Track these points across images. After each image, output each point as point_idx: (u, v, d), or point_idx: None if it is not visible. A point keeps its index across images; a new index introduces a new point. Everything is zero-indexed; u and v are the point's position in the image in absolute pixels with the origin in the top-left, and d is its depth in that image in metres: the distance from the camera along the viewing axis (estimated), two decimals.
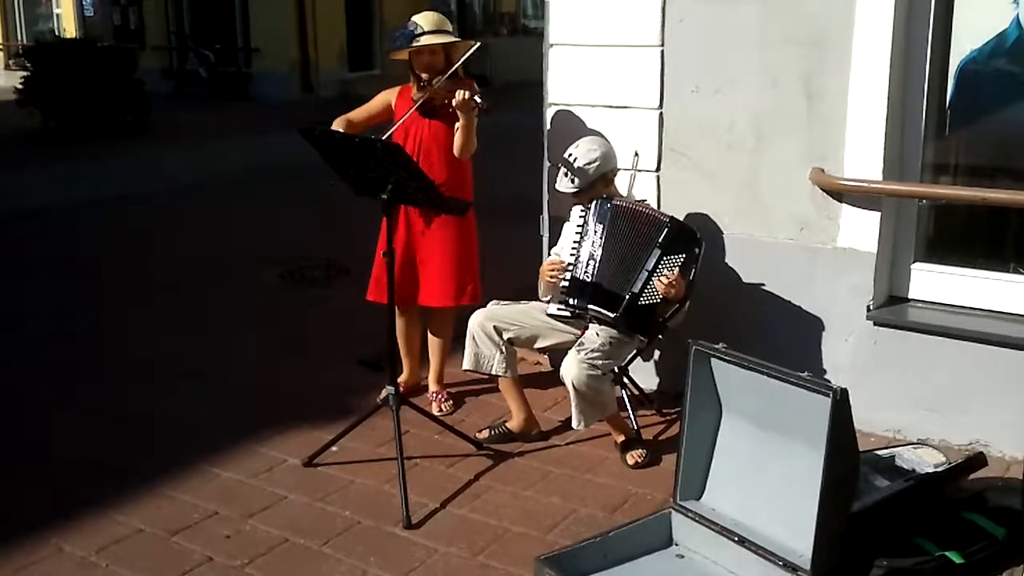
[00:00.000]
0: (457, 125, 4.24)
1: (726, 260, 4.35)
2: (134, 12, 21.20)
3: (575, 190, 4.10)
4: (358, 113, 4.43)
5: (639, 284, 3.95)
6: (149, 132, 13.94)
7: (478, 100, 4.10)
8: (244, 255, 7.33)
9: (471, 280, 4.49)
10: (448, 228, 4.38)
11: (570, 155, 4.10)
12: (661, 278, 3.91)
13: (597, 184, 4.10)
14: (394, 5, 18.76)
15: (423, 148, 4.32)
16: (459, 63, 4.22)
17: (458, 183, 4.38)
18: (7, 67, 22.47)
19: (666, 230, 3.98)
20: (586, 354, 3.83)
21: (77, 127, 13.18)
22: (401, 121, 4.24)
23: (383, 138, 3.99)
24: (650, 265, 3.96)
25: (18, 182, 10.44)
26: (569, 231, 4.20)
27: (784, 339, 4.17)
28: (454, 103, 4.12)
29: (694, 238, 4.04)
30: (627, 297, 3.95)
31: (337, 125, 4.29)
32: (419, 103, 4.23)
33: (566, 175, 4.10)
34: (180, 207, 9.37)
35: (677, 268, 3.94)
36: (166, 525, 3.55)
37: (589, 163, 4.06)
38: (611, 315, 3.96)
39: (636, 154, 4.34)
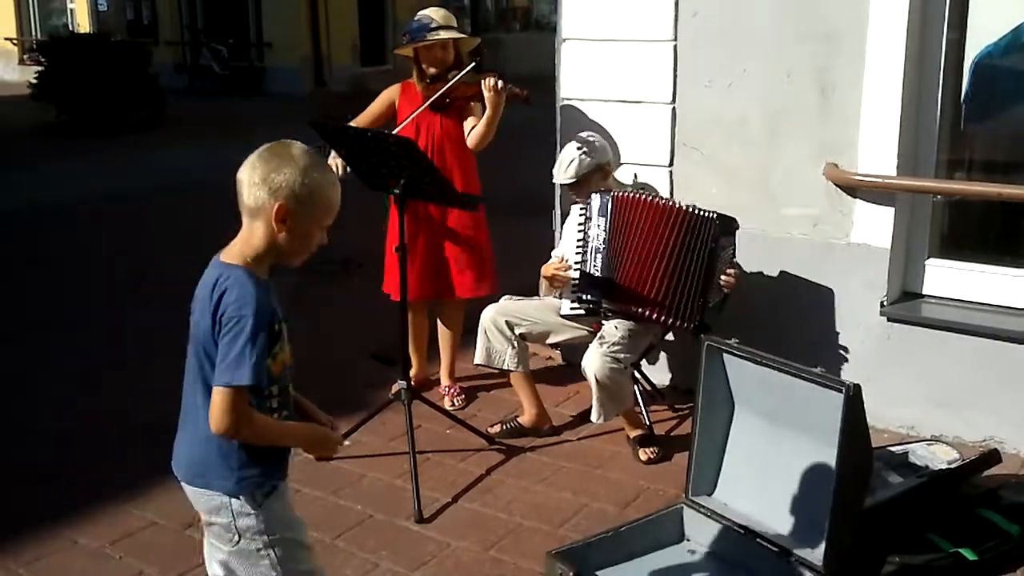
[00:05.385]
0: (470, 119, 4.24)
1: (739, 255, 4.33)
2: (147, 7, 21.28)
3: (570, 181, 4.08)
4: (361, 119, 4.40)
5: (700, 287, 3.90)
6: (162, 127, 13.99)
7: (515, 89, 4.10)
8: None
9: (489, 271, 4.50)
10: (463, 221, 4.39)
11: (568, 144, 4.12)
12: (724, 277, 3.88)
13: (593, 177, 4.08)
14: (406, 0, 18.79)
15: (436, 144, 4.32)
16: (457, 77, 4.17)
17: (471, 177, 4.39)
18: (21, 62, 22.56)
19: (716, 227, 3.89)
20: (608, 347, 3.84)
21: (91, 122, 13.23)
22: (414, 115, 4.21)
23: (393, 132, 4.00)
24: (709, 265, 3.89)
25: (31, 176, 10.49)
26: (571, 229, 4.20)
27: (797, 335, 4.16)
28: (486, 88, 4.08)
29: (735, 224, 3.97)
30: (700, 304, 3.91)
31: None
32: (438, 95, 4.20)
33: (563, 168, 4.09)
34: (192, 202, 9.38)
35: (732, 259, 3.92)
36: (179, 518, 3.55)
37: (586, 151, 4.05)
38: (685, 324, 3.93)
39: None
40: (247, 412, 2.11)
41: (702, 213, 3.93)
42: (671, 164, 4.44)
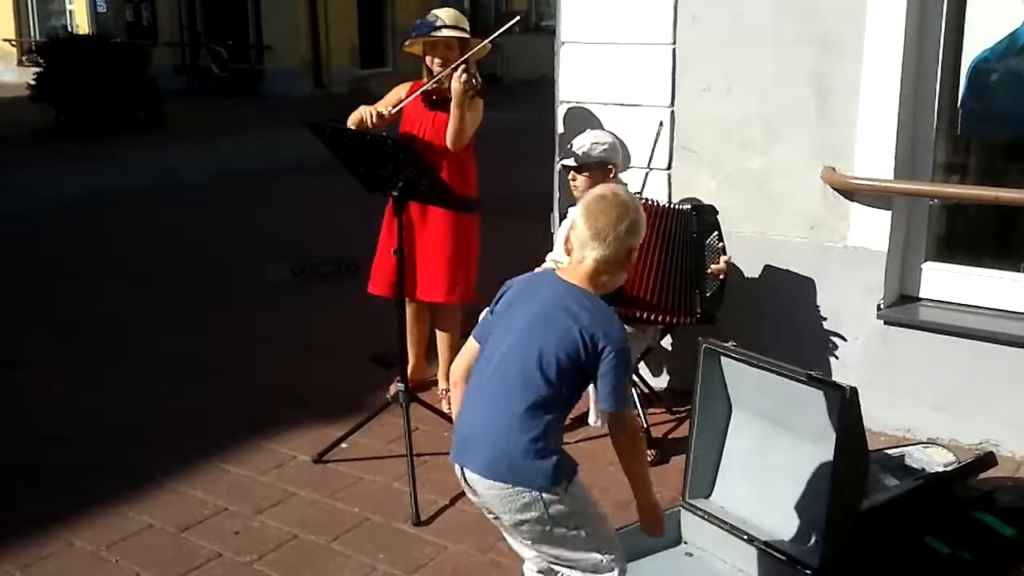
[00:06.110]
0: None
1: (736, 258, 4.34)
2: (147, 8, 21.25)
3: (572, 164, 4.08)
4: (382, 105, 4.38)
5: (692, 280, 3.97)
6: (161, 128, 13.97)
7: (475, 81, 4.11)
8: (255, 252, 7.36)
9: (463, 278, 4.44)
10: (445, 224, 4.36)
11: (583, 132, 4.14)
12: (715, 266, 3.96)
13: (596, 169, 4.08)
14: (406, 2, 18.80)
15: (427, 141, 4.32)
16: (467, 56, 4.20)
17: (460, 177, 4.36)
18: (20, 63, 22.50)
19: (695, 219, 3.99)
20: None
21: (90, 123, 13.20)
22: (403, 103, 4.28)
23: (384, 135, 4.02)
24: (697, 257, 3.97)
25: (31, 178, 10.47)
26: (564, 233, 4.20)
27: (794, 337, 4.17)
28: (455, 79, 4.10)
29: (714, 212, 4.05)
30: (697, 296, 3.97)
31: (358, 116, 4.27)
32: (422, 89, 4.26)
33: (571, 150, 4.11)
34: (191, 204, 9.39)
35: (718, 246, 3.99)
36: (176, 521, 3.56)
37: (597, 143, 4.06)
38: (687, 319, 3.98)
39: (660, 123, 4.40)
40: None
41: (678, 207, 4.02)
42: (669, 167, 4.45)
